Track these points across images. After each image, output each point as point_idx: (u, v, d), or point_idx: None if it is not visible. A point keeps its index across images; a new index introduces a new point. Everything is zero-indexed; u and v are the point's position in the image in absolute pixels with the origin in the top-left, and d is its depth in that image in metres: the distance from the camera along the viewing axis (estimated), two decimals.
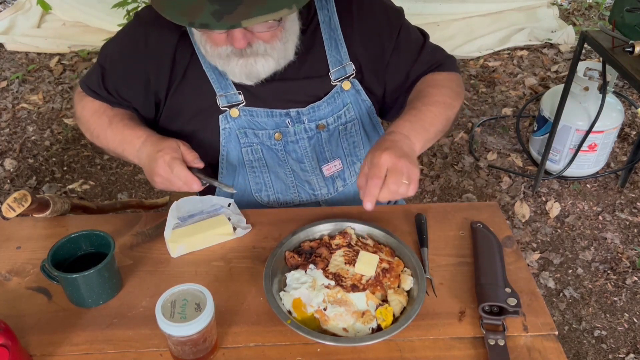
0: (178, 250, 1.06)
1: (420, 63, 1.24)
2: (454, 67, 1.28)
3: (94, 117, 1.21)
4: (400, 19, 1.23)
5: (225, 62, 1.06)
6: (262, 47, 1.03)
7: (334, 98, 1.21)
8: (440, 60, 1.26)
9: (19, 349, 0.81)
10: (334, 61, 1.18)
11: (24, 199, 1.05)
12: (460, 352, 0.88)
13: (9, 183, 2.67)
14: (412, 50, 1.23)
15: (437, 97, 1.17)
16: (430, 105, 1.15)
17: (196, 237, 1.06)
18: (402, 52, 1.22)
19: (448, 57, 1.28)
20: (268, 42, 1.03)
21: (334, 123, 1.23)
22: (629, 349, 1.95)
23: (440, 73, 1.24)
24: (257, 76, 1.08)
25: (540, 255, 2.29)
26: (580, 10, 4.33)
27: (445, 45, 1.36)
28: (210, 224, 1.09)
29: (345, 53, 1.18)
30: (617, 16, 2.03)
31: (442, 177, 2.72)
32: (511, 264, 1.04)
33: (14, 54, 3.73)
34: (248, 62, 1.04)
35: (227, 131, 1.19)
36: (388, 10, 1.22)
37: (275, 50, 1.05)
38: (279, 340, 0.90)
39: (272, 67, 1.08)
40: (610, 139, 2.52)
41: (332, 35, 1.17)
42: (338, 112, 1.22)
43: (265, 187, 1.26)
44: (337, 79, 1.19)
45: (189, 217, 1.12)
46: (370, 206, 0.96)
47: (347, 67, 1.19)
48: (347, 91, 1.21)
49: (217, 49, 1.05)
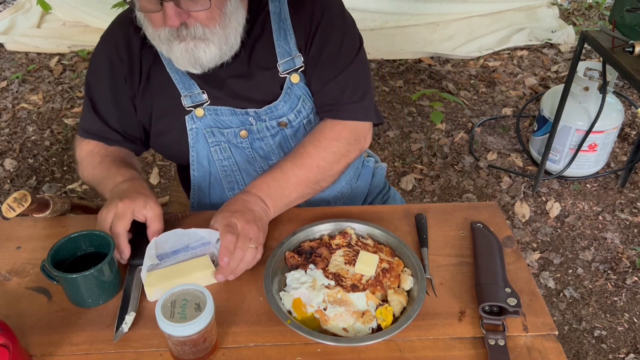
0: (155, 294, 0.96)
1: (323, 94, 1.17)
2: (359, 116, 1.18)
3: (87, 157, 1.21)
4: (341, 29, 1.16)
5: (167, 47, 1.05)
6: (200, 29, 1.02)
7: (288, 94, 1.17)
8: (340, 104, 1.17)
9: (19, 349, 0.81)
10: (283, 52, 1.15)
11: (24, 199, 1.05)
12: (460, 352, 0.88)
13: (9, 183, 2.67)
14: (327, 73, 1.16)
15: (313, 160, 1.13)
16: (298, 168, 1.12)
17: (175, 282, 0.96)
18: (318, 69, 1.16)
19: (355, 102, 1.17)
20: (206, 25, 1.02)
21: (295, 119, 1.19)
22: (629, 349, 1.95)
23: (334, 124, 1.17)
24: (201, 63, 1.06)
25: (540, 255, 2.29)
26: (580, 10, 4.33)
27: (445, 45, 1.36)
28: (192, 266, 1.00)
29: (294, 44, 1.15)
30: (617, 16, 2.03)
31: (442, 177, 2.72)
32: (511, 264, 1.04)
33: (14, 54, 3.73)
34: (188, 47, 1.03)
35: (195, 131, 1.18)
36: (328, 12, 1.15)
37: (215, 35, 1.03)
38: (279, 340, 0.90)
39: (215, 54, 1.06)
40: (611, 139, 2.52)
41: (281, 26, 1.14)
42: (296, 107, 1.18)
43: (237, 185, 1.25)
44: (285, 70, 1.16)
45: (172, 253, 1.03)
46: (221, 278, 0.98)
47: (295, 59, 1.15)
48: (296, 84, 1.17)
49: (156, 31, 1.04)
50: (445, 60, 3.67)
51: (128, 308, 0.93)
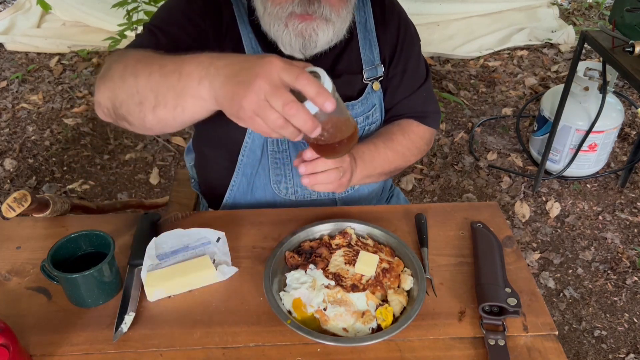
0: (155, 294, 0.96)
1: (411, 101, 1.25)
2: (435, 124, 1.29)
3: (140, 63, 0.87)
4: (418, 45, 1.26)
5: (281, 25, 1.03)
6: (327, 10, 1.02)
7: (367, 98, 1.21)
8: (427, 112, 1.27)
9: (19, 349, 0.81)
10: (367, 60, 1.19)
11: (24, 198, 1.05)
12: (460, 352, 0.88)
13: (9, 183, 2.67)
14: (412, 84, 1.24)
15: (400, 146, 1.20)
16: (388, 150, 1.18)
17: (175, 282, 0.96)
18: (405, 79, 1.23)
19: (435, 112, 1.29)
20: (334, 6, 1.02)
21: (362, 123, 1.23)
22: (629, 349, 1.95)
23: (419, 125, 1.26)
24: (314, 45, 1.05)
25: (540, 255, 2.29)
26: (580, 10, 4.33)
27: (445, 45, 1.38)
28: (192, 266, 0.99)
29: (377, 55, 1.20)
30: (617, 16, 2.03)
31: (442, 177, 2.72)
32: (511, 264, 1.04)
33: (13, 53, 3.73)
34: (309, 27, 1.02)
35: None
36: (410, 30, 1.24)
37: (339, 19, 1.04)
38: (279, 340, 0.90)
39: (330, 39, 1.06)
40: (611, 139, 2.52)
41: (366, 36, 1.19)
42: (367, 112, 1.22)
43: (285, 179, 1.23)
44: (368, 78, 1.20)
45: (172, 253, 1.02)
46: (303, 169, 0.95)
47: (378, 68, 1.20)
48: (375, 92, 1.22)
49: (277, 7, 1.02)
50: (445, 60, 3.67)
51: (128, 308, 0.93)
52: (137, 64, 0.86)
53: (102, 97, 0.92)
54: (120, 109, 0.89)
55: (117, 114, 0.91)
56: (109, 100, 0.90)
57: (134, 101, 0.85)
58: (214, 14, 1.11)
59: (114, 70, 0.90)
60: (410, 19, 1.27)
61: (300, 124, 0.72)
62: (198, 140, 1.32)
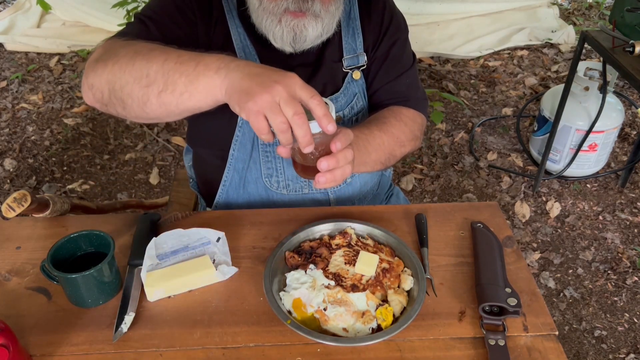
0: (155, 294, 0.96)
1: (392, 87, 1.24)
2: (423, 109, 1.27)
3: (155, 50, 0.91)
4: (404, 34, 1.25)
5: (274, 21, 1.05)
6: (317, 6, 1.04)
7: (347, 88, 1.21)
8: (410, 97, 1.25)
9: (19, 349, 0.81)
10: (349, 49, 1.20)
11: (24, 199, 1.05)
12: (460, 352, 0.88)
13: (9, 183, 2.66)
14: (394, 70, 1.23)
15: (394, 129, 1.17)
16: (383, 133, 1.15)
17: (175, 282, 0.96)
18: (386, 65, 1.22)
19: (420, 99, 1.27)
20: (325, 3, 1.04)
21: (348, 114, 1.23)
22: (629, 349, 1.94)
23: (408, 109, 1.24)
24: (304, 39, 1.08)
25: (540, 255, 2.29)
26: (581, 10, 4.33)
27: (445, 45, 1.38)
28: (192, 266, 0.99)
29: (360, 43, 1.20)
30: (617, 16, 2.03)
31: (442, 177, 2.72)
32: (511, 264, 1.04)
33: (13, 53, 3.73)
34: (300, 23, 1.04)
35: None
36: (396, 18, 1.24)
37: (328, 14, 1.06)
38: (279, 340, 0.90)
39: (319, 34, 1.08)
40: (611, 139, 2.52)
41: (350, 24, 1.20)
42: (351, 102, 1.23)
43: (276, 172, 1.23)
44: (349, 66, 1.20)
45: (172, 253, 1.02)
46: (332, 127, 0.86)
47: (360, 57, 1.21)
48: (356, 81, 1.22)
49: (272, 3, 1.03)
50: (445, 60, 3.67)
51: (127, 308, 0.93)
52: (151, 51, 0.90)
53: (97, 79, 0.93)
54: (120, 91, 0.91)
55: (114, 97, 0.93)
56: (106, 83, 0.92)
57: (141, 84, 0.88)
58: (205, 6, 1.13)
59: (120, 54, 0.92)
60: (398, 8, 1.27)
61: (301, 135, 0.80)
62: (191, 140, 1.33)
